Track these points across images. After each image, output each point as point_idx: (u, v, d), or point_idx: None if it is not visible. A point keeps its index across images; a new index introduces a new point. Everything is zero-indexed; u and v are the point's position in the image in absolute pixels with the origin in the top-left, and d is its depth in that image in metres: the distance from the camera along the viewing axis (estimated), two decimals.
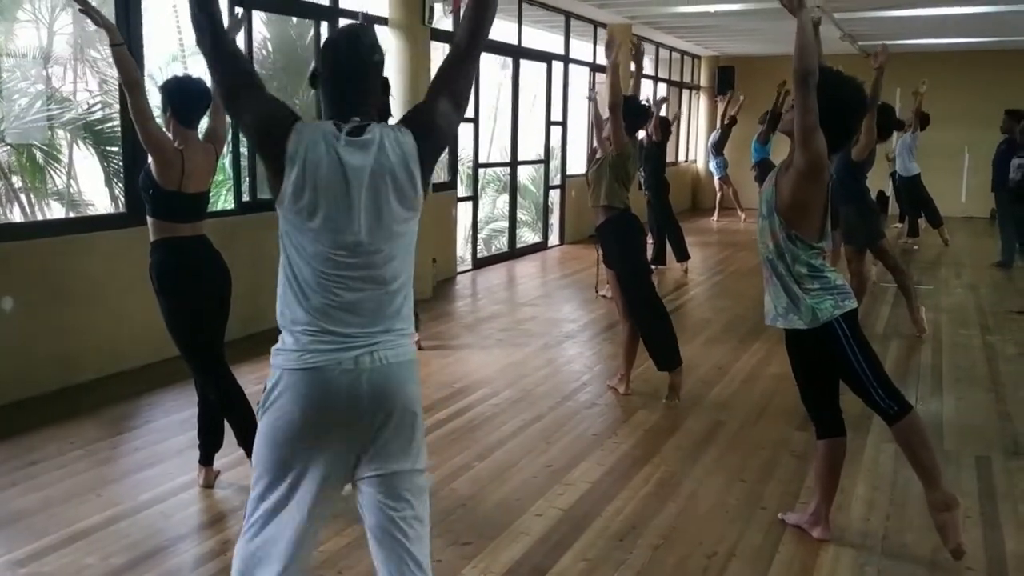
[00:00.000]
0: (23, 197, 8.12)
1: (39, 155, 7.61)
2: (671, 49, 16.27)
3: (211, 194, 4.18)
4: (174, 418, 4.81)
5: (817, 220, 3.29)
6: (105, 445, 4.44)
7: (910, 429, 3.35)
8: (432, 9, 8.02)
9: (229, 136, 5.87)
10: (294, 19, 8.21)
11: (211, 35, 2.13)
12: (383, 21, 7.96)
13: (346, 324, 2.07)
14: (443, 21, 8.48)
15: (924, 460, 3.36)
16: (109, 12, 5.30)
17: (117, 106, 6.07)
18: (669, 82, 16.69)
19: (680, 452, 4.50)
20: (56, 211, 8.29)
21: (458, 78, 2.26)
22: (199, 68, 8.27)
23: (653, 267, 9.92)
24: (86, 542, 3.41)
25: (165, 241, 3.79)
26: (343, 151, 2.08)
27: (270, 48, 9.03)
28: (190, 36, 7.05)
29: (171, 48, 10.83)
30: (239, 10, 5.78)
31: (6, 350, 4.96)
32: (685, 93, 17.76)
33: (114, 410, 4.94)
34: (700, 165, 18.50)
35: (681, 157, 18.04)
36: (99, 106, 7.61)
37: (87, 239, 5.41)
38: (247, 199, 6.82)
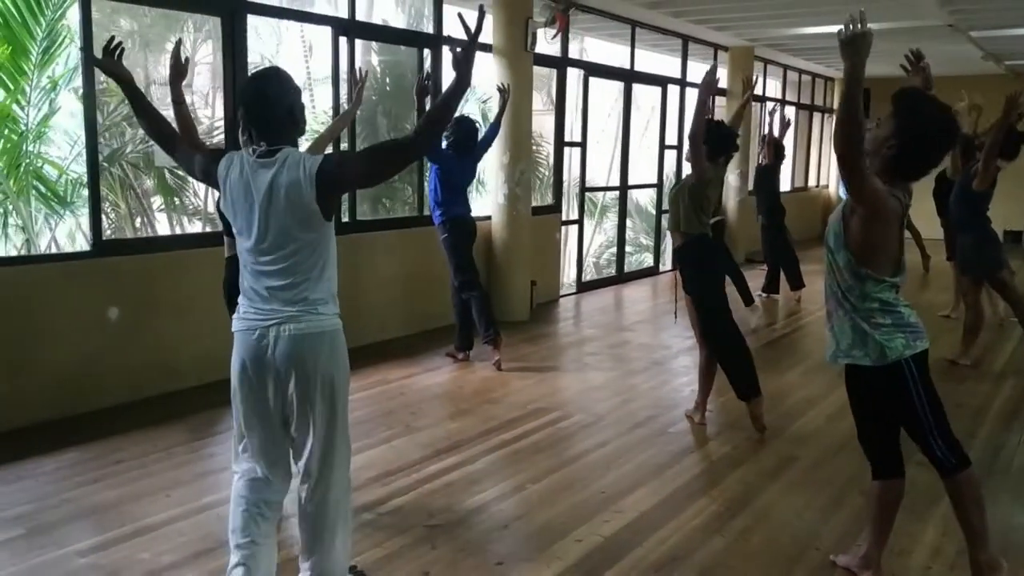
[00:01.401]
0: (161, 216, 8.77)
1: (168, 176, 8.15)
2: (800, 71, 15.80)
3: None
4: None
5: (891, 255, 3.07)
6: (184, 449, 4.70)
7: (965, 485, 3.15)
8: (535, 35, 8.12)
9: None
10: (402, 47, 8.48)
11: (165, 147, 3.09)
12: (487, 48, 8.13)
13: (263, 301, 2.76)
14: (544, 47, 8.55)
15: (974, 519, 3.15)
16: (215, 50, 5.66)
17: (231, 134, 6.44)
18: (798, 105, 16.20)
19: (742, 486, 4.34)
20: (195, 227, 8.89)
21: (388, 162, 2.76)
22: (324, 95, 8.72)
23: (764, 295, 9.67)
24: (145, 539, 3.62)
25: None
26: (250, 171, 2.67)
27: (378, 73, 9.39)
28: (316, 65, 7.35)
29: (299, 77, 11.47)
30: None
31: (113, 357, 5.35)
32: (817, 116, 17.18)
33: (200, 417, 5.23)
34: (832, 190, 17.82)
35: (812, 182, 17.45)
36: (219, 131, 8.12)
37: (188, 255, 5.76)
38: (345, 219, 7.08)
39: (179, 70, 3.59)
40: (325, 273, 2.81)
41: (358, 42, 7.14)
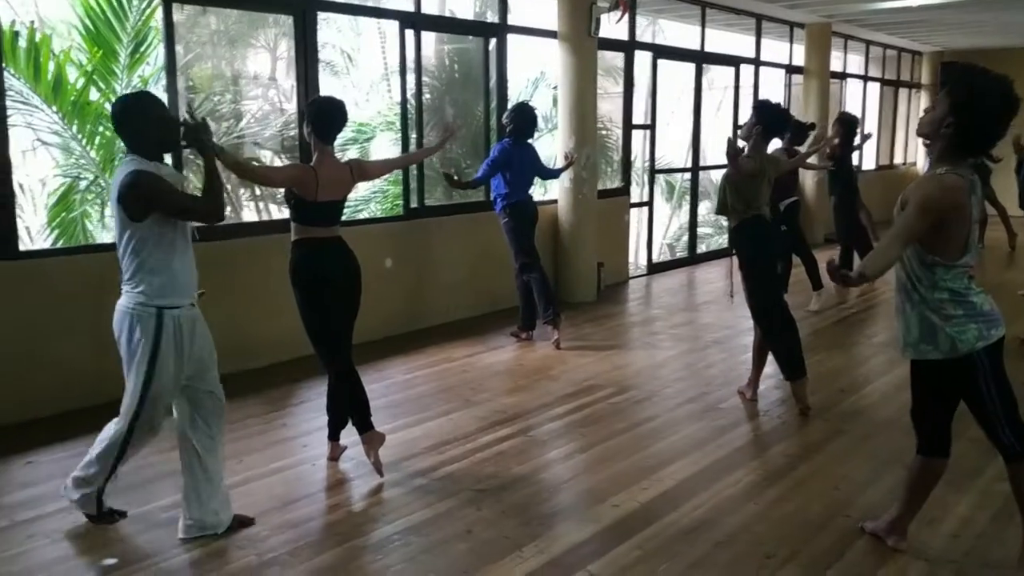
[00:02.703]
0: (250, 204, 9.29)
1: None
2: (884, 46, 15.39)
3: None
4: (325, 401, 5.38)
5: (958, 239, 3.01)
6: (259, 421, 5.07)
7: None
8: (598, 20, 8.24)
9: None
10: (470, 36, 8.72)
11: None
12: (552, 34, 8.30)
13: None
14: (611, 31, 8.66)
15: None
16: (290, 47, 5.98)
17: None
18: (883, 81, 15.81)
19: (785, 458, 4.46)
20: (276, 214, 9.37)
21: (179, 212, 3.51)
22: (395, 86, 8.95)
23: None
24: None
25: (301, 241, 4.30)
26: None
27: (446, 63, 9.65)
28: (392, 57, 7.43)
29: (377, 69, 11.87)
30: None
31: None
32: (903, 92, 16.71)
33: (276, 391, 5.60)
34: (920, 167, 17.31)
35: (898, 159, 17.01)
36: (293, 125, 8.54)
37: (261, 240, 6.13)
38: (415, 205, 7.38)
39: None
40: (136, 260, 3.42)
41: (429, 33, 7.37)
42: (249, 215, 9.18)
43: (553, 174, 7.27)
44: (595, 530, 3.63)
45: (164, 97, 5.66)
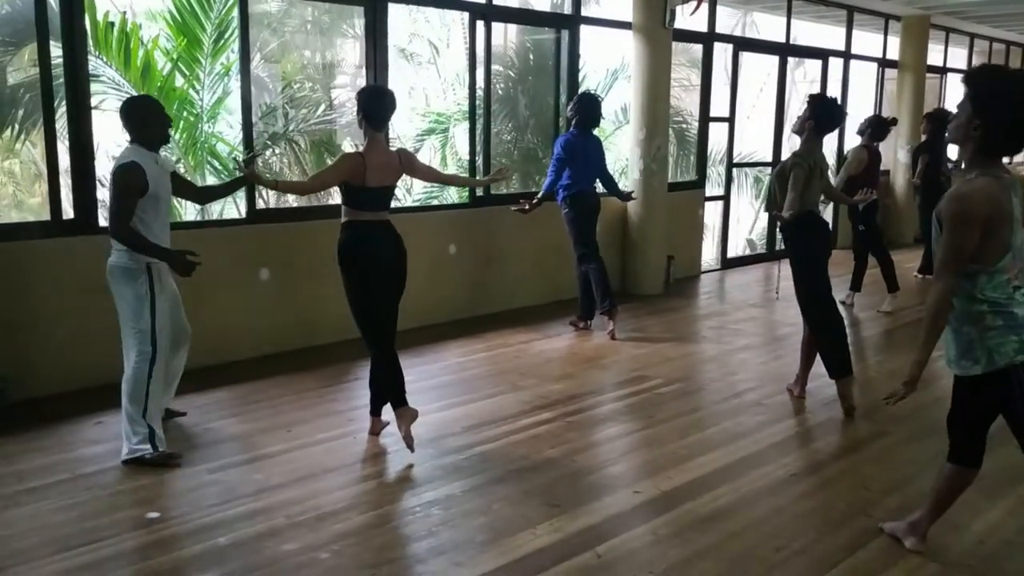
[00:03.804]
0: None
1: (326, 156, 8.94)
2: (990, 39, 14.71)
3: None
4: None
5: (998, 240, 2.94)
6: (313, 395, 5.32)
7: None
8: (673, 12, 8.20)
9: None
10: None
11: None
12: (627, 25, 8.31)
13: None
14: (682, 22, 8.60)
15: None
16: (360, 47, 6.20)
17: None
18: None
19: (818, 455, 4.42)
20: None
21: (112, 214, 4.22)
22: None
23: (919, 276, 9.30)
24: (261, 463, 4.22)
25: (348, 224, 4.48)
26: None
27: (525, 54, 9.74)
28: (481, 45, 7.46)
29: (461, 60, 12.04)
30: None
31: (263, 313, 6.07)
32: None
33: (333, 368, 5.84)
34: None
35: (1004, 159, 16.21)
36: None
37: (326, 224, 6.36)
38: (481, 194, 7.53)
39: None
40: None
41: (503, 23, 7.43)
42: (315, 199, 9.50)
43: (609, 181, 7.02)
44: (610, 513, 3.70)
45: (237, 83, 5.97)
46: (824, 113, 5.09)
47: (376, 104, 4.45)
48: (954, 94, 14.39)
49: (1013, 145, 3.02)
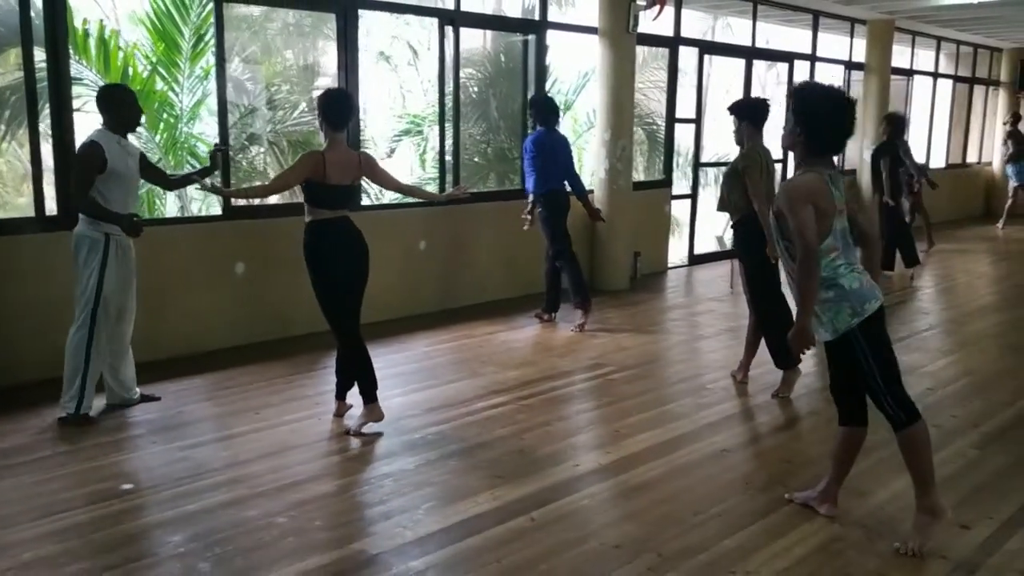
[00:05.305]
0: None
1: (302, 151, 9.26)
2: (957, 42, 15.09)
3: None
4: None
5: (821, 227, 3.36)
6: (282, 381, 5.62)
7: (915, 438, 3.42)
8: (636, 17, 8.53)
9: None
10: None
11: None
12: (594, 30, 8.64)
13: None
14: (647, 27, 8.92)
15: (923, 467, 3.44)
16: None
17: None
18: (956, 78, 15.51)
19: (749, 434, 4.75)
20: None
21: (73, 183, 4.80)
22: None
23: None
24: (230, 441, 4.54)
25: (311, 223, 4.76)
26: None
27: (486, 58, 10.06)
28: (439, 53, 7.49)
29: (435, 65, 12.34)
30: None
31: (239, 305, 6.37)
32: (979, 89, 16.35)
33: (304, 357, 6.15)
34: (996, 167, 16.89)
35: (971, 158, 16.64)
36: None
37: (298, 220, 6.66)
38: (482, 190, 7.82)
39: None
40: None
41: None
42: (289, 196, 9.80)
43: (575, 181, 7.25)
44: (548, 484, 4.03)
45: (214, 85, 6.26)
46: (749, 111, 5.44)
47: (334, 107, 4.73)
48: (921, 95, 14.79)
49: (832, 147, 3.54)
